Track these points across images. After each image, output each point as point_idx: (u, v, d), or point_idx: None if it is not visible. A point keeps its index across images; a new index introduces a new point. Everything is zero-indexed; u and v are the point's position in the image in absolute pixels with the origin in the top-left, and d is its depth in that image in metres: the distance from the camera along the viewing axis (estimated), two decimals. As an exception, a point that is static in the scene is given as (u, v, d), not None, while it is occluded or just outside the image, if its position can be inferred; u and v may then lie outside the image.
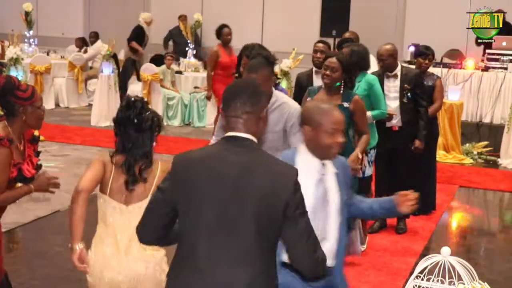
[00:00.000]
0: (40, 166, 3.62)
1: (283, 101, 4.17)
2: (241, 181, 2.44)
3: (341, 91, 4.94)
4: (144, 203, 3.05)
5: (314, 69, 6.20)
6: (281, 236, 2.48)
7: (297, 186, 2.47)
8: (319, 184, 3.05)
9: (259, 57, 4.13)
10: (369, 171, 5.72)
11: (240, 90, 2.59)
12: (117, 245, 3.21)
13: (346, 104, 4.87)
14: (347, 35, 7.41)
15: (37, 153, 3.62)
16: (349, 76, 4.94)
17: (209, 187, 2.46)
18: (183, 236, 2.54)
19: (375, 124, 5.81)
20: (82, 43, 13.95)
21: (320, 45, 6.30)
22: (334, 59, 4.89)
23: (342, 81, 4.91)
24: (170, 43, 13.80)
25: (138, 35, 12.77)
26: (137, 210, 3.12)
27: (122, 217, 3.21)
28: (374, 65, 6.70)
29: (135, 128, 3.23)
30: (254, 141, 2.54)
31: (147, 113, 3.26)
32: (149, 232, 2.62)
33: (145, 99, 3.40)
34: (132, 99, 3.29)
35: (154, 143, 3.29)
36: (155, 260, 3.20)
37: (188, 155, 2.58)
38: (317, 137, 3.05)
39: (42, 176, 3.52)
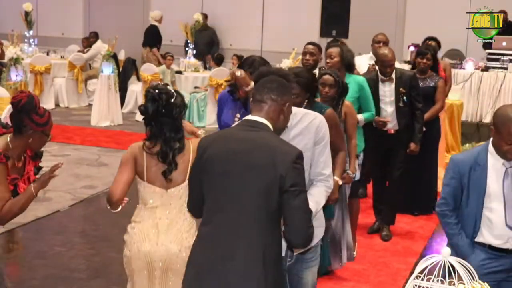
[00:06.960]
0: (40, 168, 3.57)
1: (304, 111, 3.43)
2: (248, 156, 2.70)
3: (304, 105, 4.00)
4: (183, 186, 3.28)
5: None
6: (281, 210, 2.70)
7: (296, 165, 2.66)
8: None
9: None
10: (358, 174, 5.43)
11: (271, 80, 2.86)
12: (157, 225, 3.33)
13: None
14: (379, 37, 7.26)
15: (38, 169, 3.56)
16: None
17: (221, 162, 2.73)
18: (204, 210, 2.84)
19: (360, 127, 5.59)
20: (88, 42, 13.78)
21: (310, 46, 5.97)
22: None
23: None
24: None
25: (154, 35, 12.89)
26: (176, 192, 3.32)
27: (162, 200, 3.34)
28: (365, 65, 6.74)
29: (166, 118, 3.28)
30: (267, 125, 2.77)
31: (173, 99, 3.29)
32: (193, 207, 2.95)
33: (169, 85, 3.45)
34: (156, 91, 3.30)
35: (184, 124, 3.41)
36: (189, 244, 3.21)
37: (209, 136, 2.93)
38: (497, 142, 3.38)
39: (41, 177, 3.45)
